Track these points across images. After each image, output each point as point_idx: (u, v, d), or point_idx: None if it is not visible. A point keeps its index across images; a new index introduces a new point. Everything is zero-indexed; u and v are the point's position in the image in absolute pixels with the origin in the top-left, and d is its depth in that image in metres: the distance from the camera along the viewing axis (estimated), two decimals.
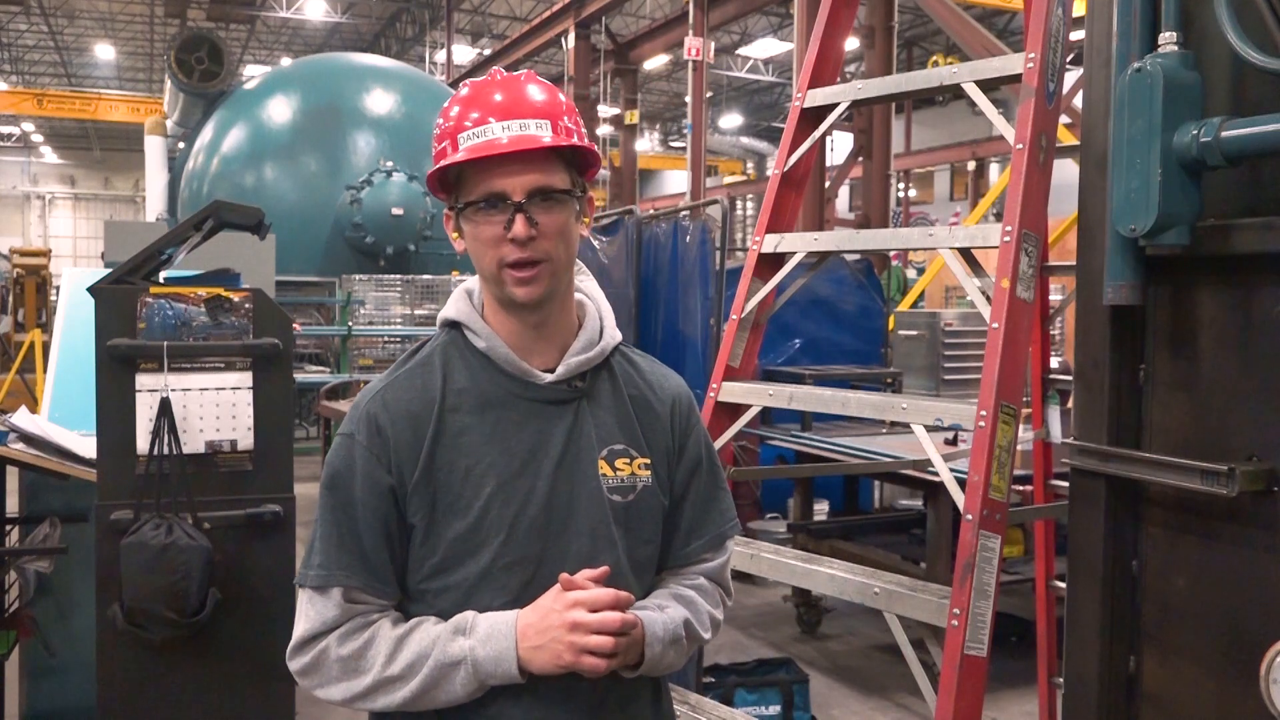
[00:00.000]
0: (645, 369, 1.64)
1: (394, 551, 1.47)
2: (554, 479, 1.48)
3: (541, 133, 1.44)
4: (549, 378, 1.52)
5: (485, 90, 1.48)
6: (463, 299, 1.58)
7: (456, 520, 1.45)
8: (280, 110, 13.44)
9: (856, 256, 7.53)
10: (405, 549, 1.48)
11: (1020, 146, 2.76)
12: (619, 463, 1.53)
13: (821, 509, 6.70)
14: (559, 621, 1.39)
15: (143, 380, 3.18)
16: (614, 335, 1.59)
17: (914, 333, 8.29)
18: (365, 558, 1.46)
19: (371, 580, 1.46)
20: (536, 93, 1.48)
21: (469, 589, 1.46)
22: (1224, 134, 1.74)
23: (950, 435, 5.28)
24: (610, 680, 1.47)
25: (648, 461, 1.55)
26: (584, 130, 1.51)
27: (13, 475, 3.74)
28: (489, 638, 1.41)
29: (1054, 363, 3.69)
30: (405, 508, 1.47)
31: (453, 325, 1.56)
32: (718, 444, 3.20)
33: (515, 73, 1.52)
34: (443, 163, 1.47)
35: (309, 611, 1.47)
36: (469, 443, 1.48)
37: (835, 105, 3.44)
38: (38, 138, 39.70)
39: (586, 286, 1.62)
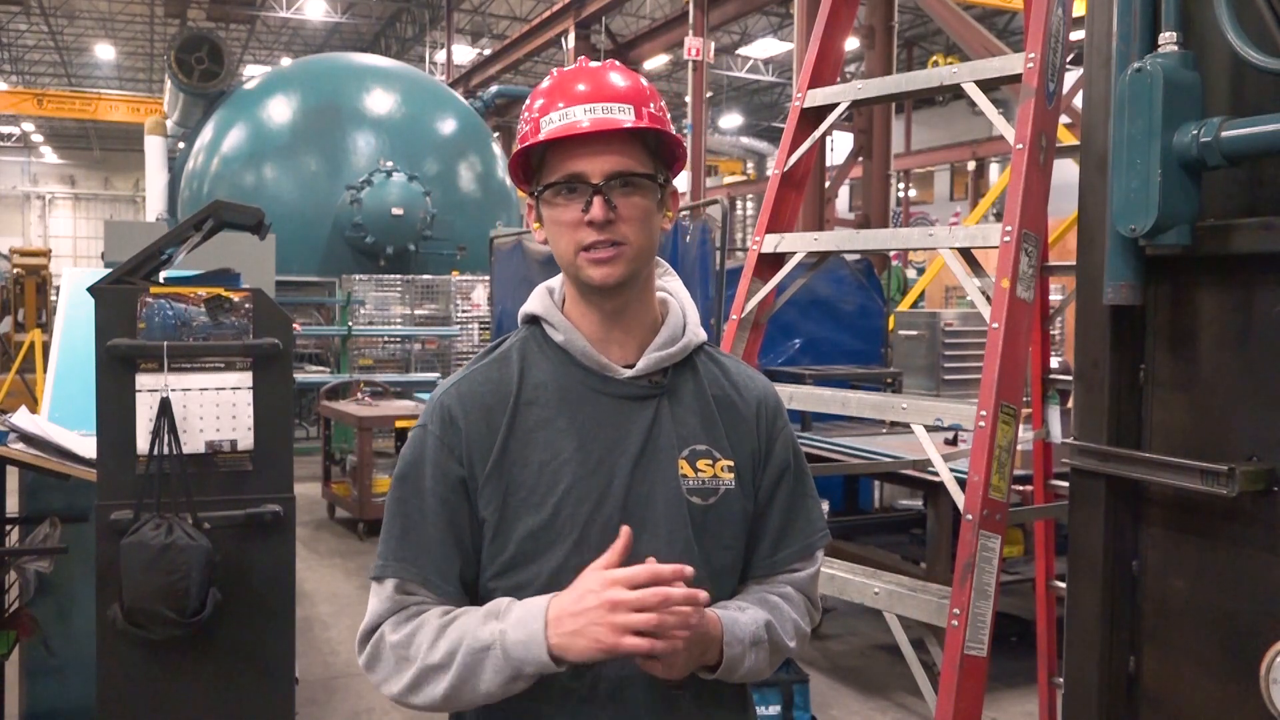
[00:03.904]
0: (731, 369, 1.58)
1: (464, 546, 1.44)
2: (631, 477, 1.44)
3: (624, 116, 1.40)
4: (628, 373, 1.47)
5: (569, 77, 1.45)
6: (543, 294, 1.54)
7: (529, 516, 1.42)
8: (280, 110, 13.45)
9: (856, 256, 7.53)
10: (478, 544, 1.44)
11: (1020, 146, 2.76)
12: (701, 464, 1.47)
13: (822, 509, 6.68)
14: (596, 602, 1.30)
15: (143, 380, 3.18)
16: (698, 333, 1.54)
17: (914, 333, 8.30)
18: (428, 550, 1.43)
19: (431, 573, 1.42)
20: (620, 79, 1.45)
21: (540, 589, 1.39)
22: (1224, 134, 1.74)
23: (950, 435, 5.28)
24: (691, 686, 1.42)
25: (731, 464, 1.49)
26: (669, 120, 1.48)
27: (13, 475, 3.73)
28: (521, 621, 1.33)
29: (1054, 363, 3.69)
30: (476, 500, 1.43)
31: (532, 320, 1.53)
32: None
33: (600, 63, 1.50)
34: (524, 145, 1.44)
35: (372, 603, 1.45)
36: (544, 437, 1.44)
37: (835, 105, 3.44)
38: (38, 138, 39.71)
39: (670, 285, 1.58)
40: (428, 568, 1.43)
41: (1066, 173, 2.62)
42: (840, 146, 15.16)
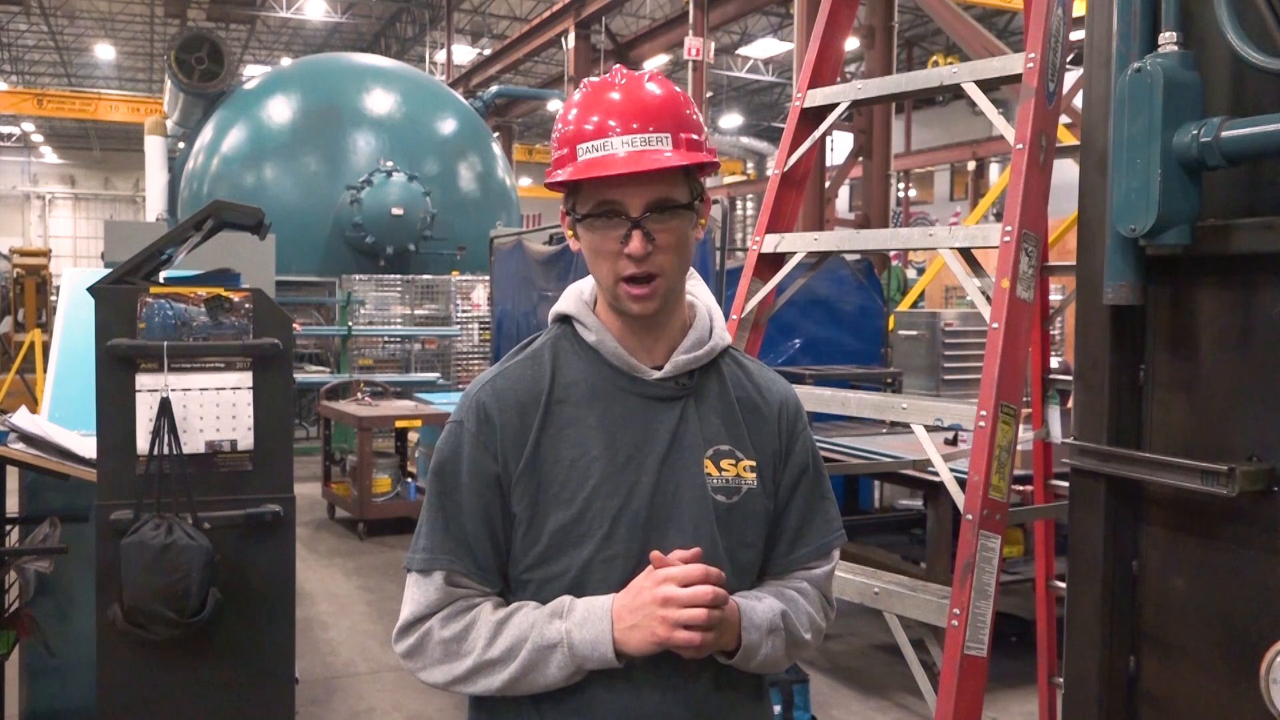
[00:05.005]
0: (754, 372, 1.63)
1: (497, 540, 1.49)
2: (658, 475, 1.49)
3: (662, 147, 1.42)
4: (657, 374, 1.52)
5: (604, 94, 1.46)
6: (575, 295, 1.58)
7: (560, 511, 1.46)
8: (280, 110, 13.44)
9: (856, 256, 7.53)
10: (509, 538, 1.49)
11: (1020, 146, 2.76)
12: (724, 463, 1.52)
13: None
14: (650, 598, 1.39)
15: (143, 380, 3.18)
16: (723, 337, 1.59)
17: (914, 333, 8.30)
18: (468, 544, 1.48)
19: (473, 566, 1.48)
20: (656, 99, 1.45)
21: (571, 581, 1.46)
22: (1224, 134, 1.74)
23: (950, 435, 5.28)
24: (709, 672, 1.48)
25: (753, 464, 1.54)
26: (704, 134, 1.49)
27: (13, 475, 3.73)
28: (585, 620, 1.41)
29: (1054, 363, 3.69)
30: (510, 496, 1.48)
31: (564, 319, 1.57)
32: None
33: (638, 72, 1.49)
34: (558, 177, 1.46)
35: (414, 594, 1.49)
36: (575, 434, 1.49)
37: (835, 105, 3.44)
38: (38, 138, 39.68)
39: (696, 289, 1.62)
40: (472, 560, 1.48)
41: (1066, 173, 2.62)
42: (840, 146, 15.14)
